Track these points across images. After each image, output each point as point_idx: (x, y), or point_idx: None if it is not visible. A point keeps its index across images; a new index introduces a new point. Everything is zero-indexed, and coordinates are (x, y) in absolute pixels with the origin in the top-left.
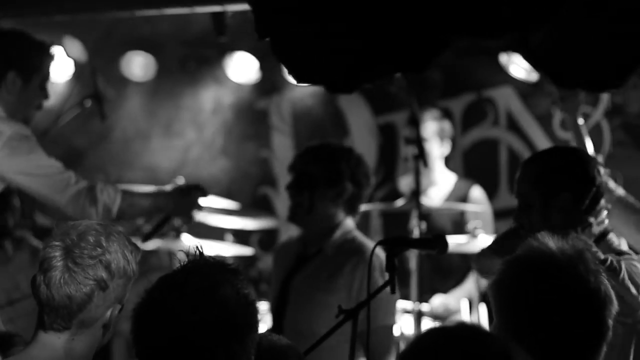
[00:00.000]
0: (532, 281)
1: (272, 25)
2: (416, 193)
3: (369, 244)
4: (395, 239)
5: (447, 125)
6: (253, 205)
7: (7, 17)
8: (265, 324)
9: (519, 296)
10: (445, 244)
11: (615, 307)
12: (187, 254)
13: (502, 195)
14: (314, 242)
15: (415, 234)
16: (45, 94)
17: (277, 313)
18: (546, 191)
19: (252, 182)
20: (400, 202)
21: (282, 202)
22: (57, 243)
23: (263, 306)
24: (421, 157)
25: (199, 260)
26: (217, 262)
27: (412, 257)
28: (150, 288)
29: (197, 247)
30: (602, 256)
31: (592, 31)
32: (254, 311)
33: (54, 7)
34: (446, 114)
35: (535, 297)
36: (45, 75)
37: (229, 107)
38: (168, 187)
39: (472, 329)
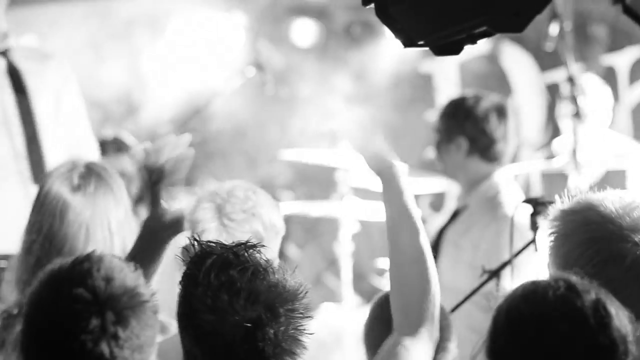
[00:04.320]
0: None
1: None
2: (574, 151)
3: (509, 202)
4: (539, 199)
5: (606, 92)
6: (421, 167)
7: None
8: None
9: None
10: None
11: None
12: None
13: None
14: (462, 196)
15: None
16: None
17: None
18: None
19: (419, 145)
20: (558, 161)
21: None
22: (206, 205)
23: None
24: (577, 115)
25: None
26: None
27: None
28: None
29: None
30: None
31: None
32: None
33: None
34: (609, 73)
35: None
36: None
37: (393, 71)
38: None
39: (564, 280)
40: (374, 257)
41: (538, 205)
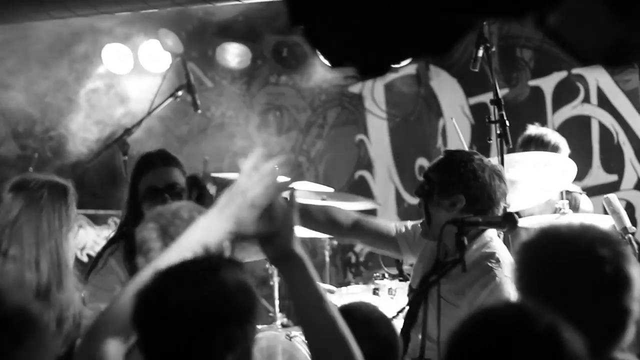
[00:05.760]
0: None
1: (304, 13)
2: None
3: (504, 258)
4: (464, 219)
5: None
6: (350, 189)
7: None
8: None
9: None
10: (515, 222)
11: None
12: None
13: (595, 172)
14: (450, 251)
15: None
16: None
17: (411, 309)
18: None
19: (349, 166)
20: None
21: (378, 186)
22: (151, 225)
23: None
24: (504, 136)
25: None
26: (215, 254)
27: None
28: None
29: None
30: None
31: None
32: (254, 298)
33: None
34: (536, 95)
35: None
36: None
37: (322, 91)
38: None
39: (517, 307)
40: None
41: (464, 226)
